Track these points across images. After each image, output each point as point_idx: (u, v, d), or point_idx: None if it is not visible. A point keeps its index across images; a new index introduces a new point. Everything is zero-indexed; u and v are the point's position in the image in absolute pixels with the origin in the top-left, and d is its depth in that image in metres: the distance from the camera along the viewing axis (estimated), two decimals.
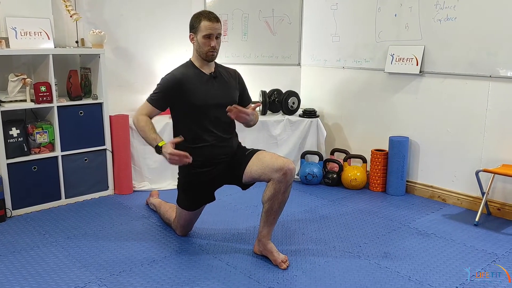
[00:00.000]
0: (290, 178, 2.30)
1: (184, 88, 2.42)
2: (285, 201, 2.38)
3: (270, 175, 2.30)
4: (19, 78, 2.99)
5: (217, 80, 2.52)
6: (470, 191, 3.23)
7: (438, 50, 3.29)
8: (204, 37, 2.39)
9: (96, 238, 2.71)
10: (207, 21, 2.38)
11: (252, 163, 2.41)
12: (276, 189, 2.31)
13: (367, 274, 2.31)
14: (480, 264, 2.42)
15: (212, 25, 2.38)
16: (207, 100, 2.44)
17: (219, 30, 2.43)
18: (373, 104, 3.80)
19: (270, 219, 2.39)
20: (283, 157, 2.36)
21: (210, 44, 2.40)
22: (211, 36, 2.40)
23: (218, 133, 2.48)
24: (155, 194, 3.26)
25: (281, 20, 4.26)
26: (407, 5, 3.42)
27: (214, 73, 2.52)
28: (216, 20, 2.41)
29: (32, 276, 2.26)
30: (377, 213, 3.18)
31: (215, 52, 2.45)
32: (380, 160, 3.59)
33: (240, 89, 2.63)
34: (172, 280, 2.24)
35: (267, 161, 2.34)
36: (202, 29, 2.39)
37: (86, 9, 3.44)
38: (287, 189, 2.34)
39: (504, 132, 3.02)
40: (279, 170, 2.27)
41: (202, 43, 2.41)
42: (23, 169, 3.06)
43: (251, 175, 2.42)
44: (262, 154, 2.43)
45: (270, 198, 2.33)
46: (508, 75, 2.94)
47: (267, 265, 2.39)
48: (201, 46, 2.42)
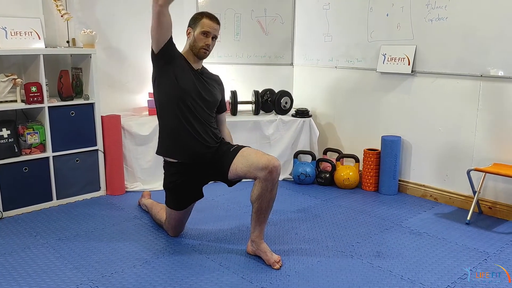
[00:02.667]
0: (276, 176, 2.31)
1: (177, 63, 2.45)
2: (273, 199, 2.38)
3: (255, 173, 2.31)
4: (9, 79, 2.97)
5: (203, 77, 2.57)
6: (462, 190, 3.25)
7: (430, 50, 3.30)
8: (202, 33, 2.46)
9: (87, 239, 2.69)
10: (208, 19, 2.47)
11: (237, 160, 2.41)
12: (263, 188, 2.31)
13: (360, 274, 2.32)
14: (472, 263, 2.43)
15: (212, 24, 2.47)
16: (191, 87, 2.47)
17: (216, 32, 2.51)
18: (365, 104, 3.81)
19: (260, 218, 2.40)
20: (268, 155, 2.36)
21: (205, 41, 2.46)
22: (208, 34, 2.46)
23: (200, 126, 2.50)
24: (147, 195, 3.25)
25: (274, 20, 4.26)
26: (398, 5, 3.43)
27: (201, 70, 2.58)
28: (217, 22, 2.51)
29: (23, 278, 2.24)
30: (369, 212, 3.19)
31: (208, 51, 2.51)
32: (373, 159, 3.61)
33: (219, 91, 2.68)
34: (165, 281, 2.23)
35: (252, 159, 2.34)
36: (202, 25, 2.46)
37: (77, 8, 3.43)
38: (274, 187, 2.35)
39: (495, 131, 3.04)
40: (265, 169, 2.28)
41: (198, 39, 2.46)
42: (14, 170, 3.03)
43: (236, 173, 2.42)
44: (247, 151, 2.43)
45: (258, 197, 2.34)
46: (499, 74, 2.96)
47: (260, 265, 2.39)
48: (196, 41, 2.47)
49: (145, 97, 3.86)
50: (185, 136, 2.47)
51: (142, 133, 3.53)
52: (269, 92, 4.09)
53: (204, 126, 2.50)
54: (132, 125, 3.53)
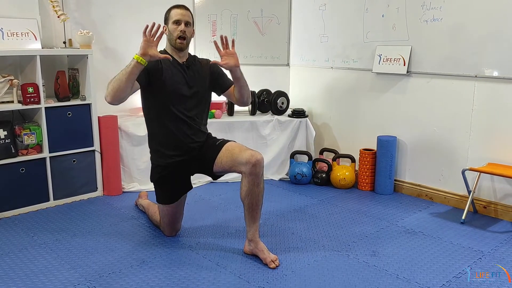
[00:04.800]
0: (260, 169, 2.36)
1: (160, 66, 2.47)
2: (262, 193, 2.43)
3: (240, 167, 2.38)
4: (6, 79, 2.97)
5: (189, 70, 2.57)
6: (457, 190, 3.27)
7: (425, 51, 3.33)
8: (173, 23, 2.50)
9: (85, 240, 2.70)
10: (175, 8, 2.53)
11: (222, 154, 2.48)
12: (250, 183, 2.37)
13: (356, 273, 2.34)
14: (467, 262, 2.46)
15: (179, 11, 2.50)
16: (178, 85, 2.49)
17: (187, 17, 2.52)
18: (361, 104, 3.83)
19: (253, 214, 2.44)
20: (251, 149, 2.41)
21: (179, 29, 2.48)
22: (179, 22, 2.49)
23: (188, 123, 2.53)
24: (144, 195, 3.26)
25: (270, 21, 4.28)
26: (394, 6, 3.46)
27: (187, 62, 2.58)
28: (184, 8, 2.54)
29: (21, 278, 2.25)
30: (365, 212, 3.21)
31: (185, 40, 2.51)
32: (369, 159, 3.63)
33: (214, 77, 2.65)
34: (162, 281, 2.24)
35: (236, 153, 2.41)
36: (172, 16, 2.51)
37: (73, 9, 3.43)
38: (260, 180, 2.39)
39: (490, 131, 3.07)
40: (248, 163, 2.33)
41: (172, 30, 2.51)
42: (11, 171, 3.03)
43: (221, 167, 2.49)
44: (232, 146, 2.49)
45: (247, 193, 2.39)
46: (493, 75, 2.98)
47: (257, 265, 2.41)
48: (171, 33, 2.52)
49: None
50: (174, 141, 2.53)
51: (138, 133, 3.53)
52: (266, 93, 4.11)
53: (192, 127, 2.55)
54: (129, 125, 3.54)
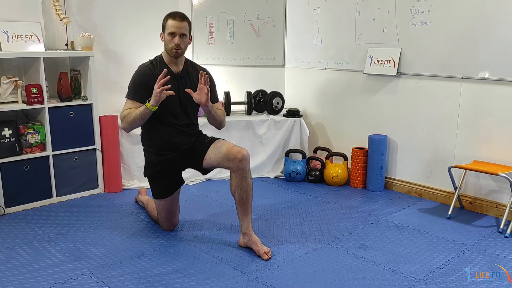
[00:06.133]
0: (246, 164, 2.51)
1: (151, 84, 2.54)
2: (251, 187, 2.57)
3: (227, 163, 2.54)
4: (11, 80, 3.08)
5: (183, 80, 2.67)
6: (445, 186, 3.40)
7: (414, 53, 3.46)
8: (168, 34, 2.58)
9: (87, 234, 2.82)
10: (172, 19, 2.57)
11: (210, 151, 2.64)
12: (238, 177, 2.52)
13: (345, 264, 2.46)
14: (450, 254, 2.58)
15: (175, 23, 2.55)
16: (170, 104, 2.59)
17: (183, 30, 2.57)
18: (353, 104, 3.95)
19: (244, 208, 2.57)
20: (237, 146, 2.56)
21: (173, 41, 2.56)
22: (174, 34, 2.56)
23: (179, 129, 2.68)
24: (143, 192, 3.38)
25: (266, 23, 4.39)
26: (384, 10, 3.58)
27: (181, 72, 2.68)
28: (181, 19, 2.57)
29: (27, 269, 2.37)
30: (356, 208, 3.33)
31: (180, 50, 2.59)
32: (360, 157, 3.75)
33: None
34: (161, 271, 2.36)
35: (223, 150, 2.56)
36: (167, 27, 2.58)
37: (75, 12, 3.54)
38: (247, 175, 2.54)
39: (475, 131, 3.20)
40: (234, 159, 2.49)
41: (167, 40, 2.59)
42: (15, 169, 3.15)
43: (210, 162, 2.65)
44: (220, 143, 2.64)
45: (236, 187, 2.54)
46: (479, 76, 3.11)
47: (251, 257, 2.53)
48: (166, 43, 2.61)
49: None
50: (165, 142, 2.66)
51: (138, 132, 3.56)
52: (261, 93, 4.22)
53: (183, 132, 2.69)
54: None
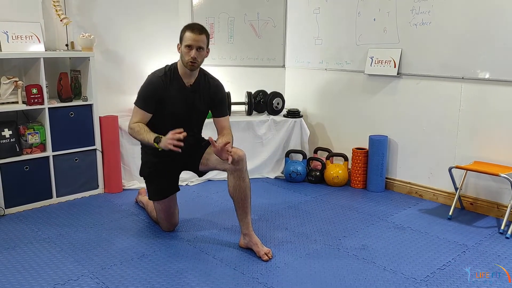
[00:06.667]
0: (243, 164, 2.50)
1: (161, 96, 2.56)
2: (248, 187, 2.56)
3: (224, 165, 2.52)
4: (11, 81, 3.08)
5: (193, 94, 2.65)
6: (446, 187, 3.40)
7: (414, 53, 3.45)
8: (185, 47, 2.52)
9: (87, 235, 2.82)
10: (189, 32, 2.51)
11: (207, 153, 2.65)
12: (235, 178, 2.51)
13: (345, 265, 2.46)
14: (451, 255, 2.58)
15: (193, 36, 2.49)
16: (176, 110, 2.60)
17: (200, 43, 2.51)
18: (354, 105, 3.95)
19: (243, 209, 2.57)
20: (234, 147, 2.52)
21: (190, 54, 2.50)
22: (191, 47, 2.50)
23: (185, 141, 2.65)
24: (143, 192, 3.36)
25: (266, 23, 4.39)
26: (385, 10, 3.58)
27: (193, 86, 2.65)
28: (199, 32, 2.51)
29: (27, 270, 2.37)
30: (357, 208, 3.33)
31: (196, 63, 2.55)
32: (361, 158, 3.75)
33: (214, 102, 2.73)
34: (161, 272, 2.36)
35: None
36: (184, 39, 2.53)
37: (75, 13, 3.54)
38: (245, 175, 2.53)
39: (476, 131, 3.20)
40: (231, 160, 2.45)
41: (184, 53, 2.54)
42: (16, 169, 3.15)
43: (207, 165, 2.66)
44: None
45: (235, 188, 2.54)
46: (479, 76, 3.11)
47: (252, 258, 2.53)
48: (183, 56, 2.55)
49: None
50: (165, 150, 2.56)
51: None
52: (262, 93, 4.22)
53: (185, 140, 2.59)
54: None
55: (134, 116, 2.62)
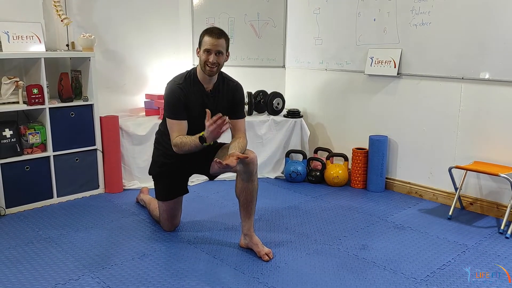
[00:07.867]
0: (253, 167, 2.47)
1: (184, 102, 2.53)
2: (256, 190, 2.54)
3: (234, 166, 2.44)
4: (12, 81, 3.09)
5: (213, 99, 2.61)
6: (445, 187, 3.40)
7: (414, 53, 3.46)
8: (204, 51, 2.48)
9: (88, 234, 2.83)
10: (208, 36, 2.47)
11: (217, 156, 2.61)
12: (244, 179, 2.49)
13: (345, 265, 2.47)
14: (451, 255, 2.59)
15: (212, 40, 2.45)
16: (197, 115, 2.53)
17: (219, 47, 2.47)
18: (354, 105, 3.96)
19: (248, 210, 2.56)
20: (247, 150, 2.51)
21: (208, 58, 2.46)
22: (210, 51, 2.46)
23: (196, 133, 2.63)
24: (145, 191, 3.38)
25: (266, 24, 4.40)
26: (385, 11, 3.59)
27: (212, 91, 2.61)
28: (217, 36, 2.47)
29: (28, 270, 2.37)
30: (357, 208, 3.34)
31: (214, 68, 2.50)
32: (361, 158, 3.75)
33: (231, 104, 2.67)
34: (162, 272, 2.37)
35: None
36: (203, 43, 2.49)
37: (76, 13, 3.55)
38: (254, 177, 2.51)
39: (476, 131, 3.20)
40: (241, 162, 2.42)
41: (203, 58, 2.49)
42: (16, 169, 3.15)
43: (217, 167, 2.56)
44: (226, 147, 2.62)
45: (242, 190, 2.52)
46: (479, 77, 3.11)
47: (252, 258, 2.53)
48: (202, 60, 2.51)
49: (141, 98, 3.99)
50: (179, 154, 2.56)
51: (139, 133, 3.66)
52: (262, 94, 4.23)
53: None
54: (130, 125, 3.66)
55: (171, 130, 2.55)
